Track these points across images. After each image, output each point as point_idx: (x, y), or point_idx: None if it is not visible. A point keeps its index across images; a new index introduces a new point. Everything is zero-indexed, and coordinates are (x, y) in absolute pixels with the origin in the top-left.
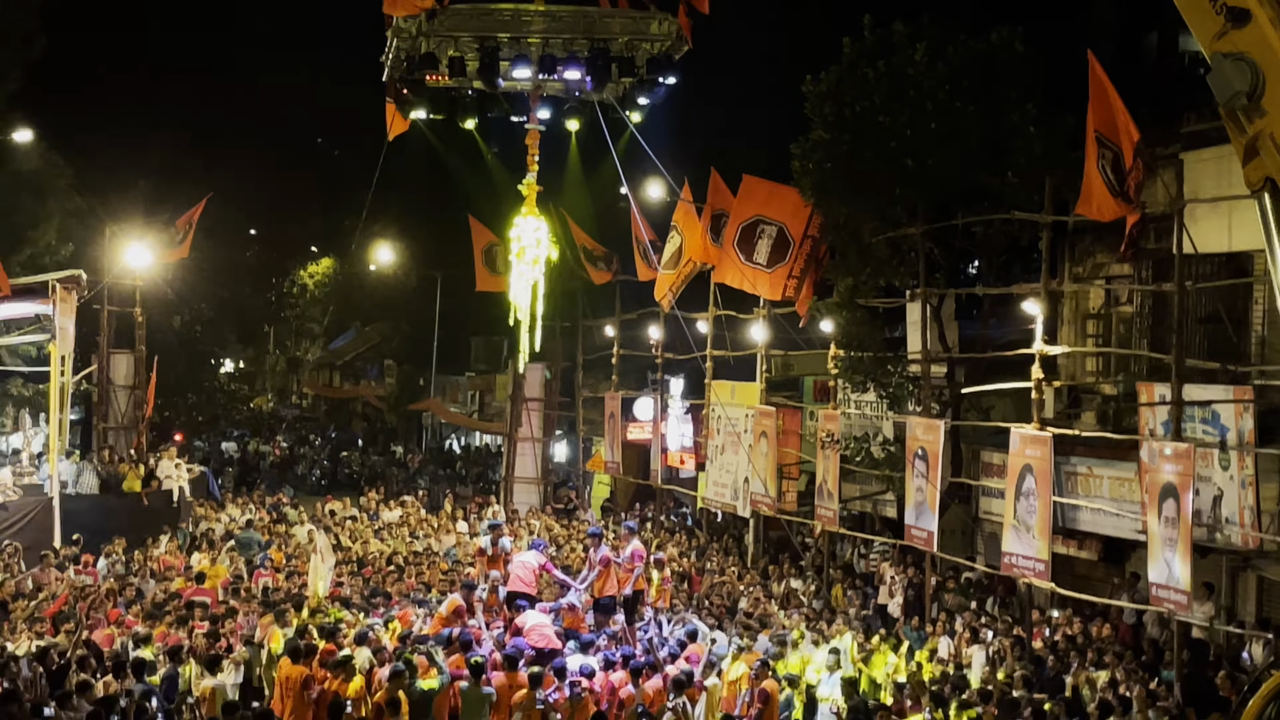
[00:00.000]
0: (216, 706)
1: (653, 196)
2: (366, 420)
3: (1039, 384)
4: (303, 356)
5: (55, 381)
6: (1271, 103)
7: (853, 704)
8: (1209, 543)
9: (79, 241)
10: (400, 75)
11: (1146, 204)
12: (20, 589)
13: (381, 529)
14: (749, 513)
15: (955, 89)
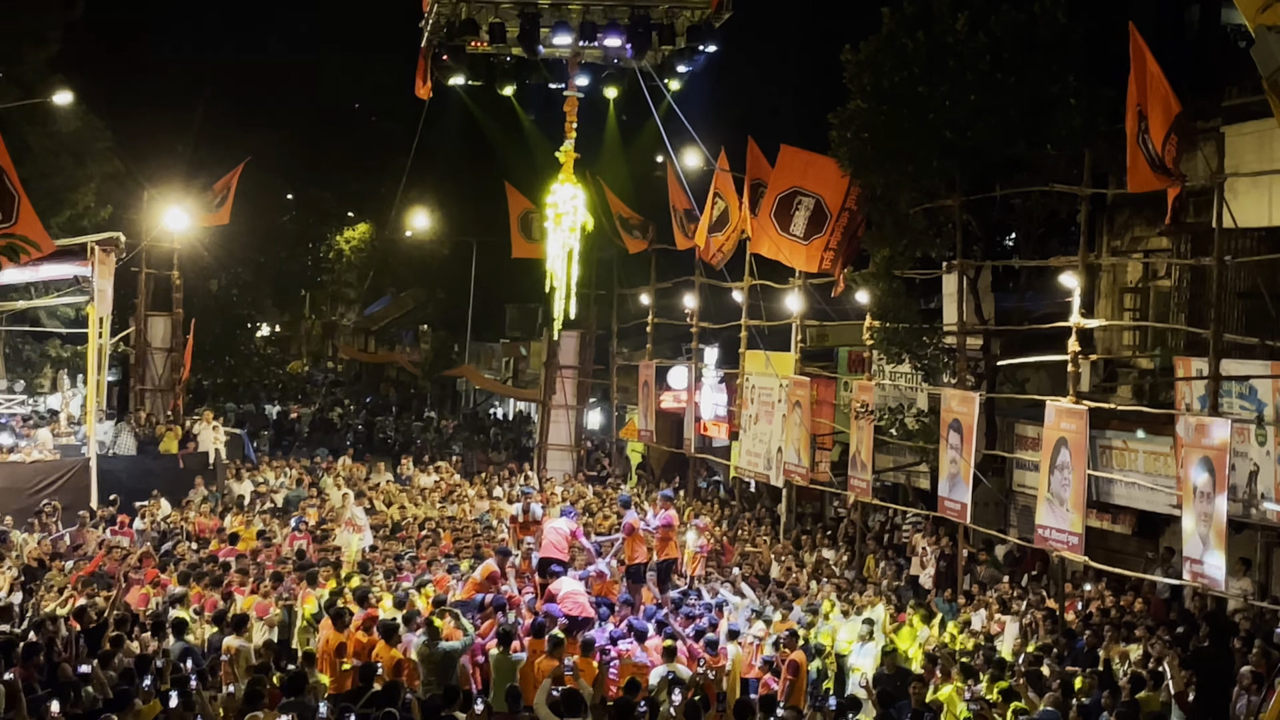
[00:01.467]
0: (242, 666)
1: (690, 165)
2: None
3: (1075, 357)
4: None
5: (93, 343)
6: None
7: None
8: (1244, 518)
9: (118, 204)
10: (440, 41)
11: (1187, 177)
12: (58, 548)
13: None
14: (782, 482)
15: (995, 60)
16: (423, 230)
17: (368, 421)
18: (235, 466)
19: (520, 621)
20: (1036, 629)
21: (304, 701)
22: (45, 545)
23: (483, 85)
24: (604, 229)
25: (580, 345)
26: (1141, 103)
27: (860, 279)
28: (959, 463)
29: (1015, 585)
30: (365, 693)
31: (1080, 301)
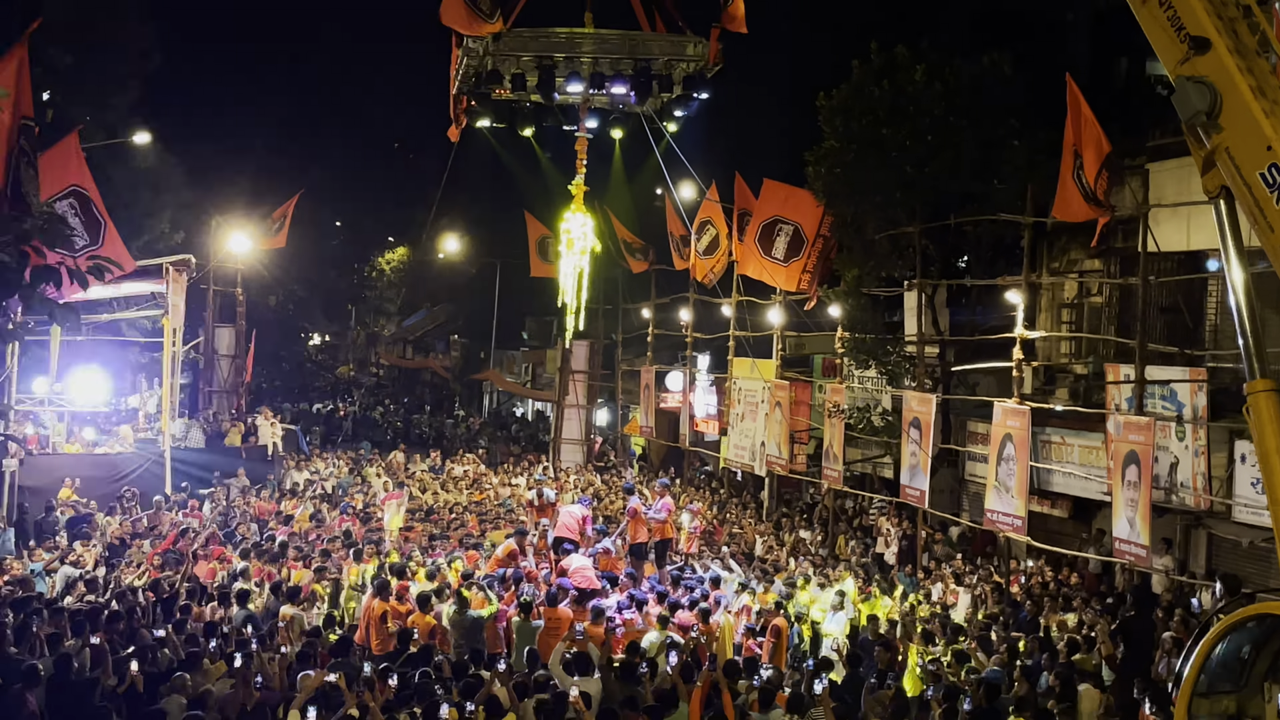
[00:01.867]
0: (296, 631)
1: (685, 196)
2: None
3: (1019, 364)
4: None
5: (168, 351)
6: (1228, 120)
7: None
8: (1166, 504)
9: (189, 230)
10: (469, 89)
11: (1116, 207)
12: (136, 529)
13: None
14: (765, 472)
15: (950, 106)
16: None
17: (405, 419)
18: (291, 458)
19: (538, 593)
20: (986, 600)
21: (349, 661)
22: (125, 526)
23: (506, 127)
24: (610, 252)
25: (590, 353)
26: (1076, 143)
27: (832, 295)
28: (918, 455)
29: (967, 562)
30: (402, 654)
31: (1023, 315)
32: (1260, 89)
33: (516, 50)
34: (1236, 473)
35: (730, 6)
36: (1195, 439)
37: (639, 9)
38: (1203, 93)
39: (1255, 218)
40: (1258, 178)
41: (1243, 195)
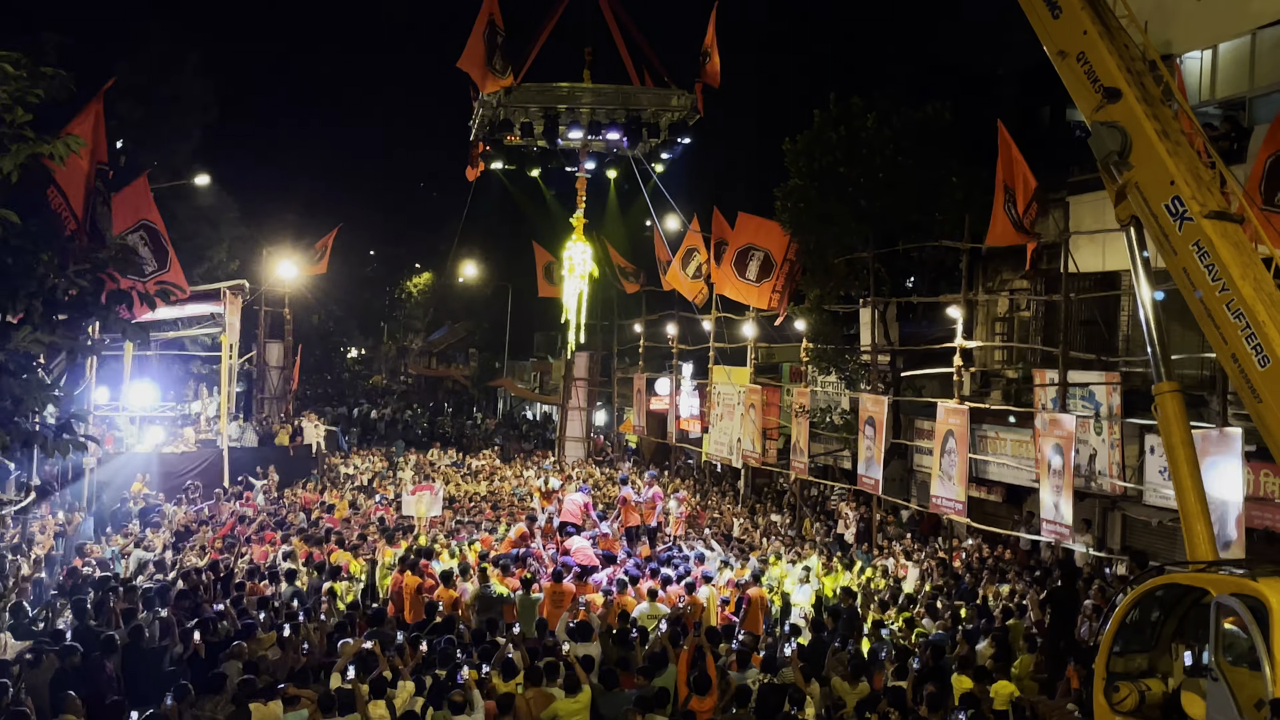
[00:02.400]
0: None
1: (670, 227)
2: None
3: (959, 370)
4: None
5: (225, 363)
6: (1137, 159)
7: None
8: (1086, 489)
9: (243, 258)
10: (484, 136)
11: (1041, 235)
12: (199, 517)
13: (468, 474)
14: (741, 464)
15: (898, 148)
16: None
17: (431, 420)
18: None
19: (543, 570)
20: (932, 573)
21: (383, 630)
22: (190, 515)
23: (516, 168)
24: (606, 275)
25: (590, 362)
26: (1007, 179)
27: (798, 312)
28: (873, 449)
29: (916, 540)
30: (429, 623)
31: (962, 328)
32: (1164, 132)
33: (525, 102)
34: (1146, 462)
35: (708, 64)
36: (1111, 433)
37: (630, 66)
38: (1115, 135)
39: (1161, 243)
40: (1163, 208)
41: (1150, 224)
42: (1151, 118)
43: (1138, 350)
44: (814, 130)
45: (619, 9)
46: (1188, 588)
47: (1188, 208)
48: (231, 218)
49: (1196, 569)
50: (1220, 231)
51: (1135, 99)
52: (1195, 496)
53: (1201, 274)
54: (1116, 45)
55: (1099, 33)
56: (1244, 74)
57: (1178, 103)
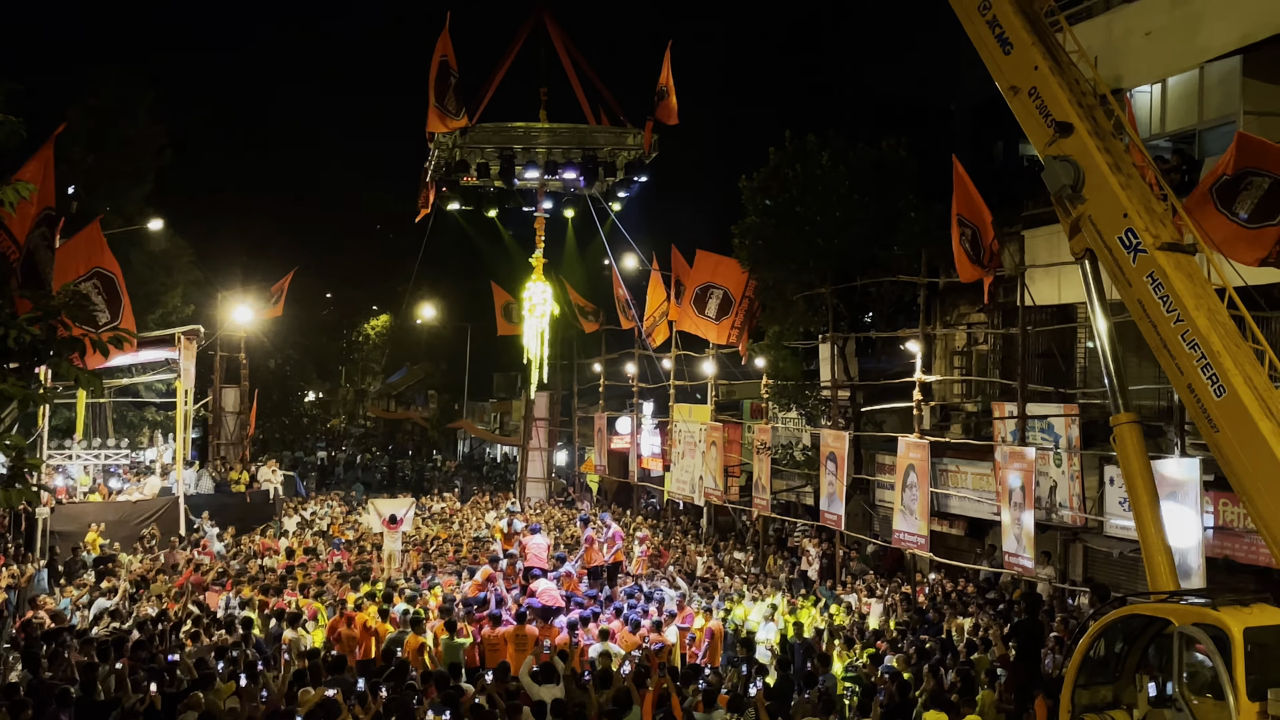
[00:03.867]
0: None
1: (629, 266)
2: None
3: (918, 404)
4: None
5: (180, 409)
6: (1090, 192)
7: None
8: (1047, 521)
9: (198, 303)
10: (440, 177)
11: (999, 268)
12: (156, 566)
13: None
14: (703, 502)
15: (854, 184)
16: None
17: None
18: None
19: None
20: (896, 608)
21: (344, 678)
22: (146, 563)
23: (473, 209)
24: (566, 315)
25: (550, 402)
26: (962, 213)
27: (758, 349)
28: (835, 484)
29: (879, 576)
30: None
31: (921, 362)
32: (1116, 165)
33: (481, 143)
34: (1106, 494)
35: (663, 102)
36: (1070, 465)
37: (585, 105)
38: (1068, 169)
39: (1115, 275)
40: (1116, 241)
41: (1104, 256)
42: (1103, 151)
43: (1095, 382)
44: (770, 168)
45: (573, 49)
46: (1150, 618)
47: (1141, 240)
48: (185, 262)
49: (1158, 599)
50: (1174, 263)
51: (1087, 133)
52: (1155, 527)
53: (1156, 305)
54: (1067, 80)
55: (1050, 68)
56: (1193, 107)
57: (1129, 136)
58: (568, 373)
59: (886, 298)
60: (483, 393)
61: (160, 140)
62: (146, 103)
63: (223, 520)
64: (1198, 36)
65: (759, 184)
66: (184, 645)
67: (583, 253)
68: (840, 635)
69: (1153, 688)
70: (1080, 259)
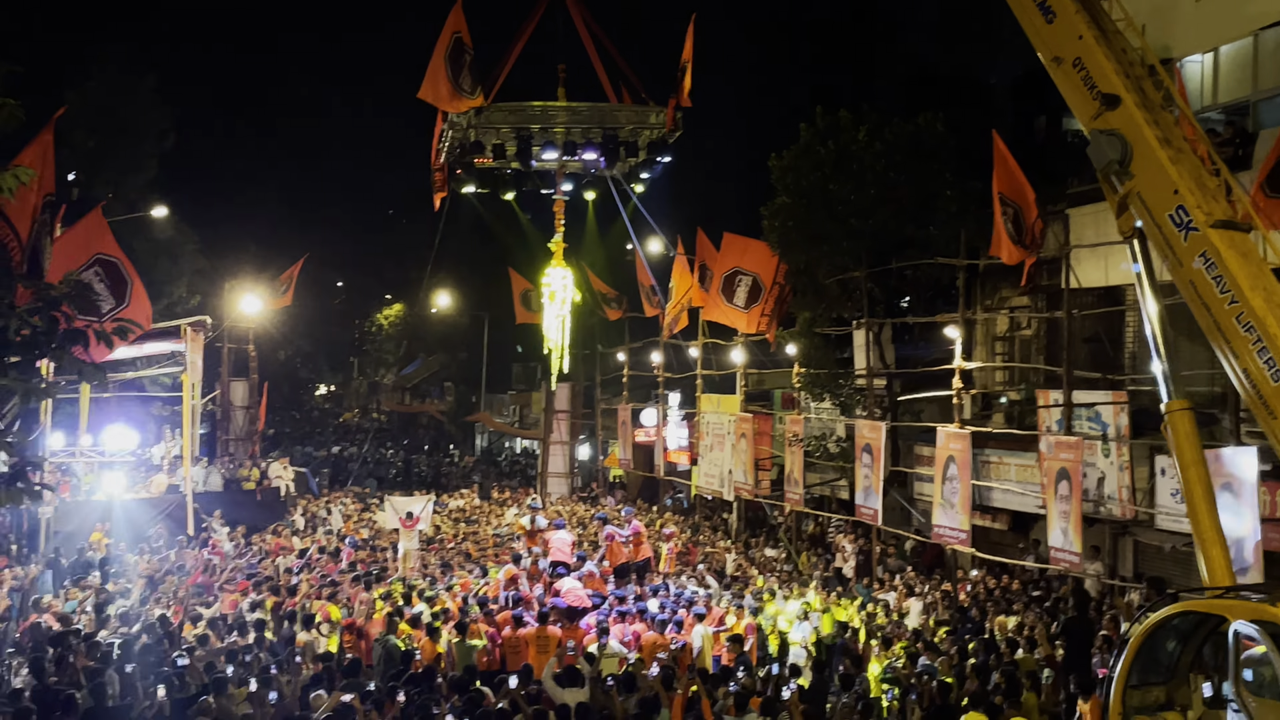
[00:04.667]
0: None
1: (653, 251)
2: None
3: (959, 392)
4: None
5: (187, 403)
6: (1138, 167)
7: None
8: (1095, 515)
9: (204, 294)
10: (454, 159)
11: (1041, 248)
12: (164, 566)
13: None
14: (733, 497)
15: (889, 162)
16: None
17: (406, 459)
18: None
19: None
20: (936, 606)
21: (359, 682)
22: (154, 563)
23: (489, 192)
24: (588, 302)
25: (571, 394)
26: (1004, 190)
27: (789, 336)
28: (871, 477)
29: (918, 573)
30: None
31: (961, 348)
32: (1166, 139)
33: (496, 123)
34: (1157, 485)
35: (682, 81)
36: (1119, 455)
37: (606, 83)
38: (1115, 144)
39: (1166, 254)
40: (1166, 218)
41: (1154, 235)
42: (1152, 124)
43: (1144, 368)
44: (801, 146)
45: (593, 24)
46: (1205, 615)
47: (1193, 217)
48: (191, 250)
49: (1213, 595)
50: (1228, 241)
51: (1135, 105)
52: (1210, 520)
53: (1209, 286)
54: (1113, 50)
55: (1095, 37)
56: (1247, 77)
57: (1179, 108)
58: (590, 362)
59: (924, 281)
60: (501, 384)
61: (163, 124)
62: (149, 85)
63: (233, 519)
64: (1250, 3)
65: (789, 163)
66: (194, 649)
67: (604, 237)
68: (878, 635)
69: (1208, 688)
70: (1128, 238)
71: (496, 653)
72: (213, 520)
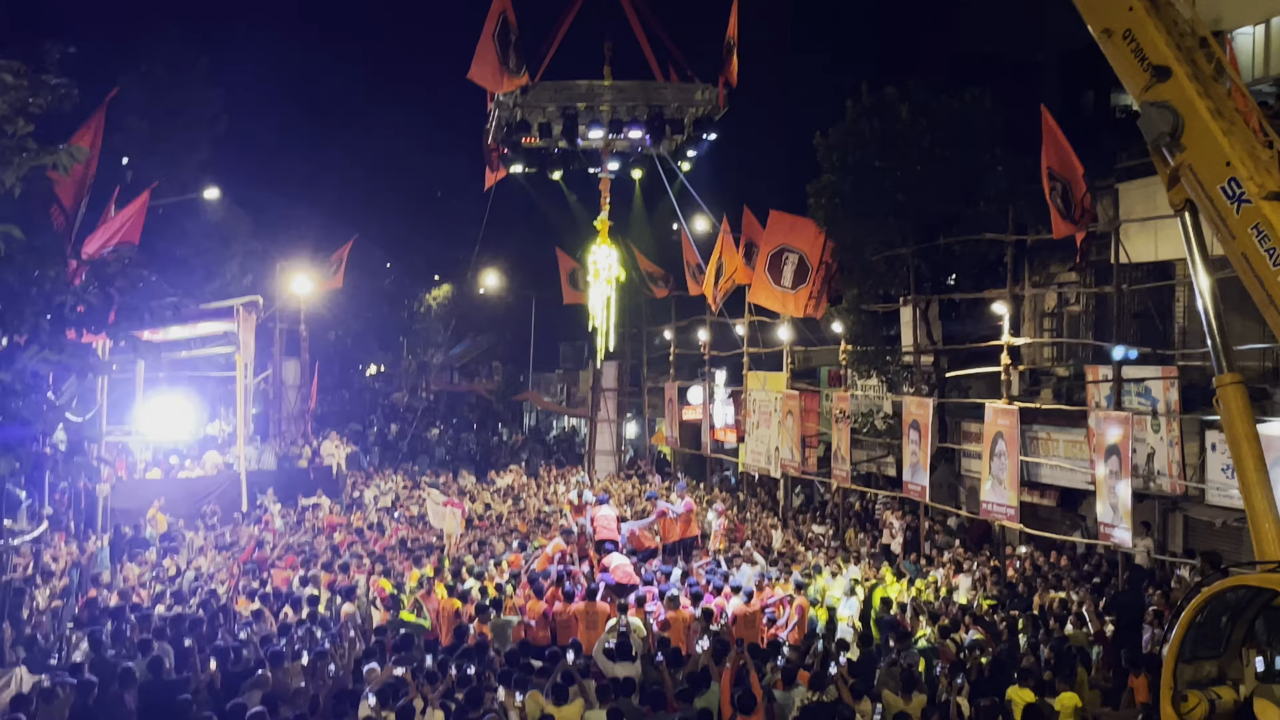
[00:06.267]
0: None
1: (699, 229)
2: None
3: (1006, 368)
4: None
5: (240, 383)
6: (1190, 140)
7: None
8: (1144, 490)
9: (256, 274)
10: (501, 138)
11: (1090, 223)
12: (218, 542)
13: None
14: (780, 474)
15: (936, 138)
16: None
17: (454, 438)
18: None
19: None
20: (985, 583)
21: (411, 655)
22: (209, 539)
23: (536, 171)
24: (634, 281)
25: (618, 372)
26: (1052, 166)
27: (835, 313)
28: (918, 454)
29: (966, 549)
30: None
31: (1009, 324)
32: (1218, 110)
33: (543, 102)
34: (1208, 460)
35: (729, 59)
36: (1169, 431)
37: (653, 61)
38: (1166, 116)
39: (1218, 227)
40: (1218, 191)
41: (1205, 208)
42: (1204, 96)
43: (1195, 342)
44: (847, 122)
45: (639, 1)
46: (1257, 590)
47: (1245, 189)
48: (243, 232)
49: (1266, 569)
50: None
51: (1186, 77)
52: (1262, 493)
53: (1262, 259)
54: (1164, 21)
55: (1145, 8)
56: None
57: (1231, 79)
58: (636, 341)
59: (971, 257)
60: (549, 363)
61: (215, 107)
62: (201, 68)
63: (287, 497)
64: None
65: (835, 140)
66: (249, 623)
67: (651, 216)
68: (925, 611)
69: (1260, 662)
70: (1179, 212)
71: (541, 629)
72: (266, 498)
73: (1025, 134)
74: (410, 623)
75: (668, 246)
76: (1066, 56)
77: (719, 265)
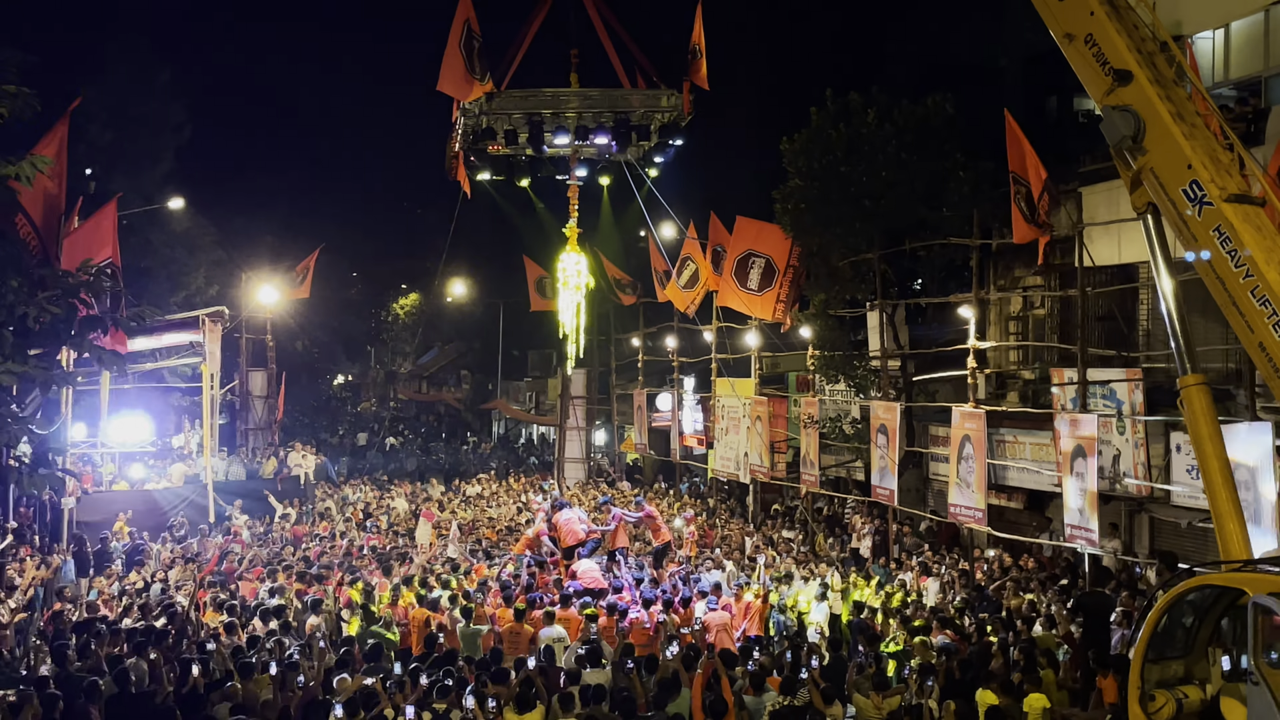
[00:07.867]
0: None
1: (666, 235)
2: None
3: (973, 372)
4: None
5: (206, 394)
6: (1152, 143)
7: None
8: (1111, 492)
9: (222, 284)
10: (468, 146)
11: (1053, 228)
12: (186, 553)
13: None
14: (749, 480)
15: (900, 144)
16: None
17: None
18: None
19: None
20: (954, 586)
21: (382, 665)
22: (176, 551)
23: (504, 179)
24: (602, 288)
25: (587, 380)
26: (1016, 171)
27: (803, 318)
28: (886, 458)
29: (935, 552)
30: (429, 656)
31: (975, 328)
32: (1179, 114)
33: (508, 109)
34: (1173, 461)
35: (696, 62)
36: (1135, 432)
37: (619, 67)
38: (1127, 120)
39: (1180, 230)
40: (1180, 193)
41: (1168, 210)
42: (1165, 99)
43: (1159, 344)
44: (812, 129)
45: (605, 8)
46: (1223, 589)
47: (1206, 191)
48: (208, 241)
49: (1231, 569)
50: (1242, 215)
51: (1147, 80)
52: (1227, 494)
53: (1224, 260)
54: (1125, 26)
55: (1107, 13)
56: (1258, 53)
57: (1191, 84)
58: (604, 348)
59: (937, 262)
60: (517, 372)
61: (179, 116)
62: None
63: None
64: None
65: (800, 146)
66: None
67: (618, 223)
68: (896, 615)
69: (1226, 662)
70: (1142, 214)
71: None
72: (233, 509)
73: (989, 139)
74: (379, 634)
75: (635, 253)
76: (1029, 62)
77: (693, 273)
